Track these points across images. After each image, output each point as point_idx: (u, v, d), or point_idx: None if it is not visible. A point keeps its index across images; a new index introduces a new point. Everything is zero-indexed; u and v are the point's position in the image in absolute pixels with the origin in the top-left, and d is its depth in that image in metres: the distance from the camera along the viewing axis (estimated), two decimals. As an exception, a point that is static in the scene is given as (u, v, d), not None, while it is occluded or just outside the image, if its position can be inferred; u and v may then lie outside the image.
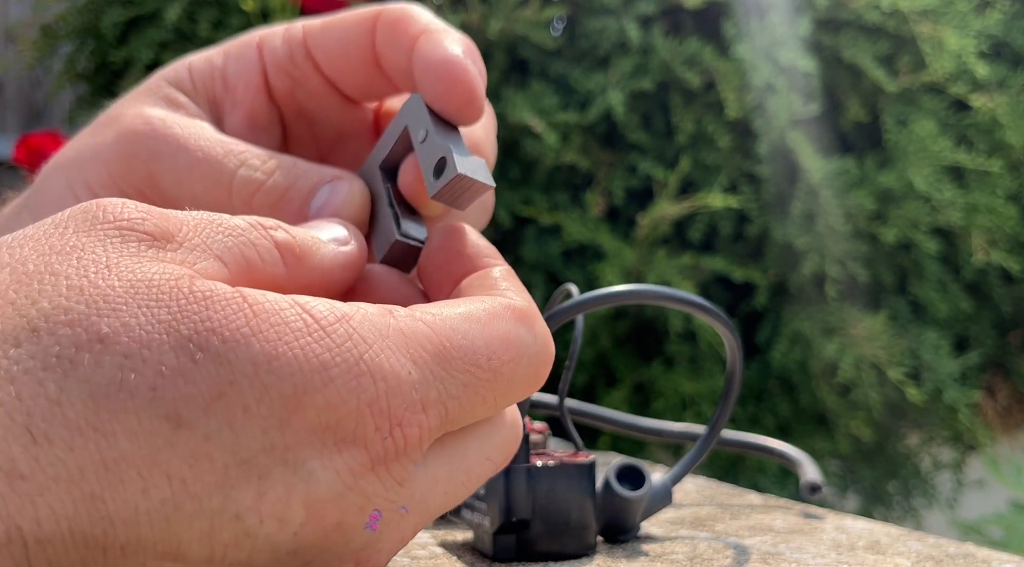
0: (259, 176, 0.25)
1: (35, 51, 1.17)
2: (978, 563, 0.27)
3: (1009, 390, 1.31)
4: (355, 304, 0.17)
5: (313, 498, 0.16)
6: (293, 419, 0.16)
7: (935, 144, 1.12)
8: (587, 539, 0.27)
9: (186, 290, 0.16)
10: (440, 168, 0.23)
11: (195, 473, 0.15)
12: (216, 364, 0.15)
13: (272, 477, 0.15)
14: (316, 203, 0.25)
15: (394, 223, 0.24)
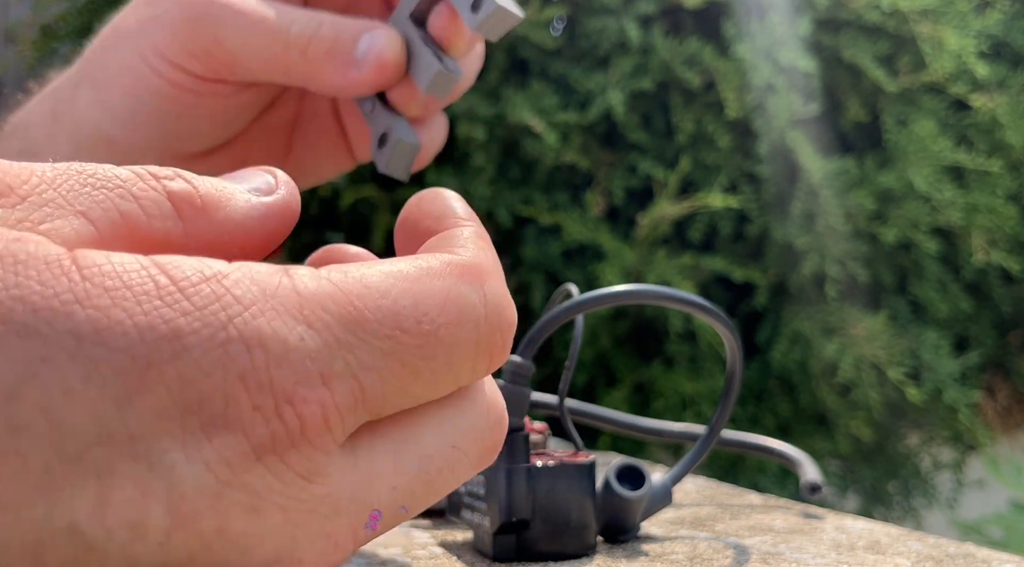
0: (308, 30, 0.28)
1: (35, 51, 1.17)
2: (978, 563, 0.27)
3: (1009, 390, 1.31)
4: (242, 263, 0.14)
5: (178, 498, 0.13)
6: (137, 400, 0.13)
7: (935, 144, 1.12)
8: (587, 539, 0.27)
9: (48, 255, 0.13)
10: (477, 4, 0.26)
11: (3, 477, 0.12)
12: (22, 338, 0.12)
13: (116, 475, 0.12)
14: (360, 48, 0.28)
15: (435, 57, 0.28)
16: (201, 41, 0.28)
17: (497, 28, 0.27)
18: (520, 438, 0.26)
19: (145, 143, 0.31)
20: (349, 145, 0.34)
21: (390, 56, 0.28)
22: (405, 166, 0.29)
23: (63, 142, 0.31)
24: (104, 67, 0.30)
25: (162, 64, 0.29)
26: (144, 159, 0.31)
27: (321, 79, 0.29)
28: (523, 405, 0.26)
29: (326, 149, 0.34)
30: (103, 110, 0.30)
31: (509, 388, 0.26)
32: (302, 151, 0.34)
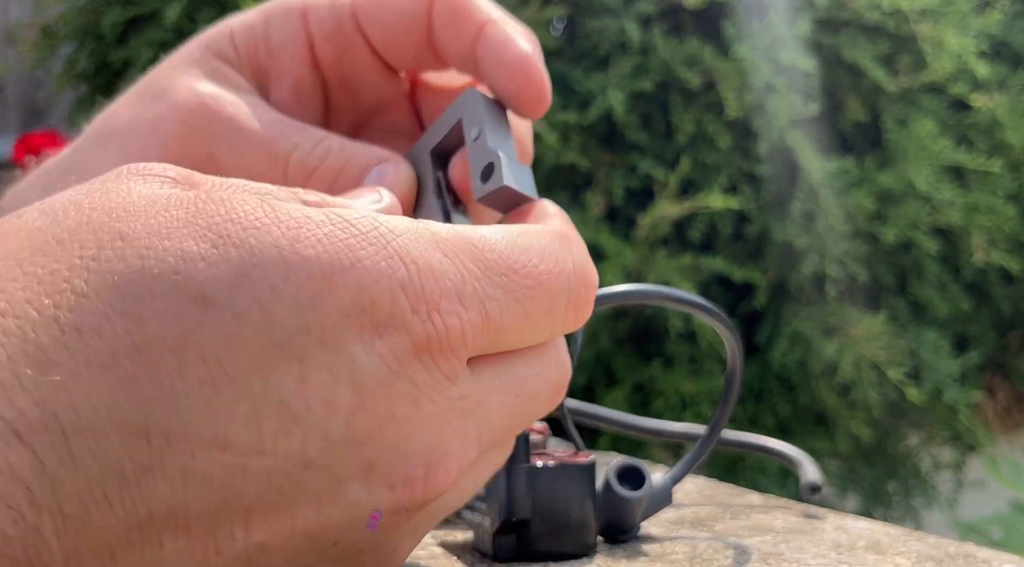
0: (313, 160, 0.26)
1: (35, 52, 1.17)
2: (978, 563, 0.27)
3: (1009, 390, 1.31)
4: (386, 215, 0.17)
5: (359, 383, 0.15)
6: (326, 299, 0.15)
7: (935, 144, 1.12)
8: (587, 539, 0.27)
9: (208, 196, 0.16)
10: (488, 173, 0.23)
11: (231, 354, 0.14)
12: (237, 248, 0.15)
13: (313, 361, 0.15)
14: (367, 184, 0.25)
15: (442, 214, 0.25)
16: (192, 157, 0.26)
17: (505, 206, 0.23)
18: (520, 438, 0.26)
19: None
20: None
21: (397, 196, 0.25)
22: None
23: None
24: (92, 161, 0.28)
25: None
26: None
27: None
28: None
29: None
30: None
31: None
32: None
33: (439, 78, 0.29)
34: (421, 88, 0.29)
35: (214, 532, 0.15)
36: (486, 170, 0.23)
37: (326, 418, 0.15)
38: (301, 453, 0.15)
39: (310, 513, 0.15)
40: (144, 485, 0.14)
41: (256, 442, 0.14)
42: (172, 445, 0.14)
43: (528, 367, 0.19)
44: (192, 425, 0.14)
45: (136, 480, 0.14)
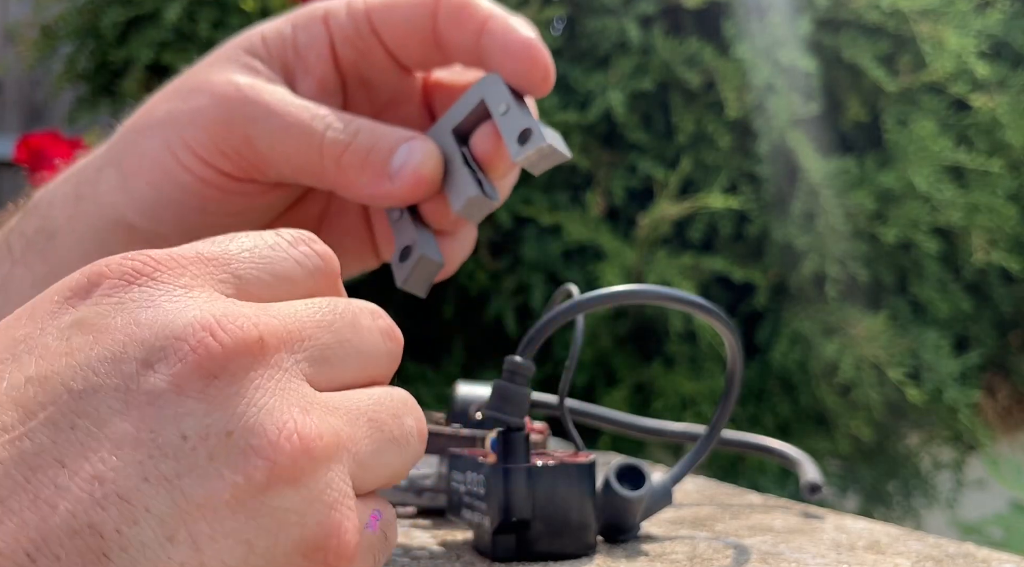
0: (345, 137, 0.27)
1: (35, 51, 1.17)
2: (978, 563, 0.27)
3: (1009, 390, 1.31)
4: None
5: None
6: None
7: (935, 144, 1.12)
8: (587, 539, 0.27)
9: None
10: (525, 137, 0.26)
11: None
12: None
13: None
14: (397, 160, 0.27)
15: (474, 180, 0.27)
16: (233, 141, 0.28)
17: (541, 164, 0.26)
18: (520, 438, 0.26)
19: (166, 232, 0.30)
20: (375, 245, 0.33)
21: (427, 172, 0.27)
22: (425, 283, 0.28)
23: (83, 224, 0.30)
24: (130, 154, 0.30)
25: (191, 159, 0.29)
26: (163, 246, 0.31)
27: (353, 188, 0.28)
28: (523, 405, 0.26)
29: (352, 248, 0.33)
30: (126, 197, 0.30)
31: (509, 387, 0.26)
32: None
33: (448, 75, 0.31)
34: (432, 85, 0.32)
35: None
36: (523, 135, 0.26)
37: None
38: None
39: None
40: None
41: None
42: None
43: None
44: None
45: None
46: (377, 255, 0.33)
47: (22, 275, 0.31)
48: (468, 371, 1.17)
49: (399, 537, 0.30)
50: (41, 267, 0.31)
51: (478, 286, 1.14)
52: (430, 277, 0.28)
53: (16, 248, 0.31)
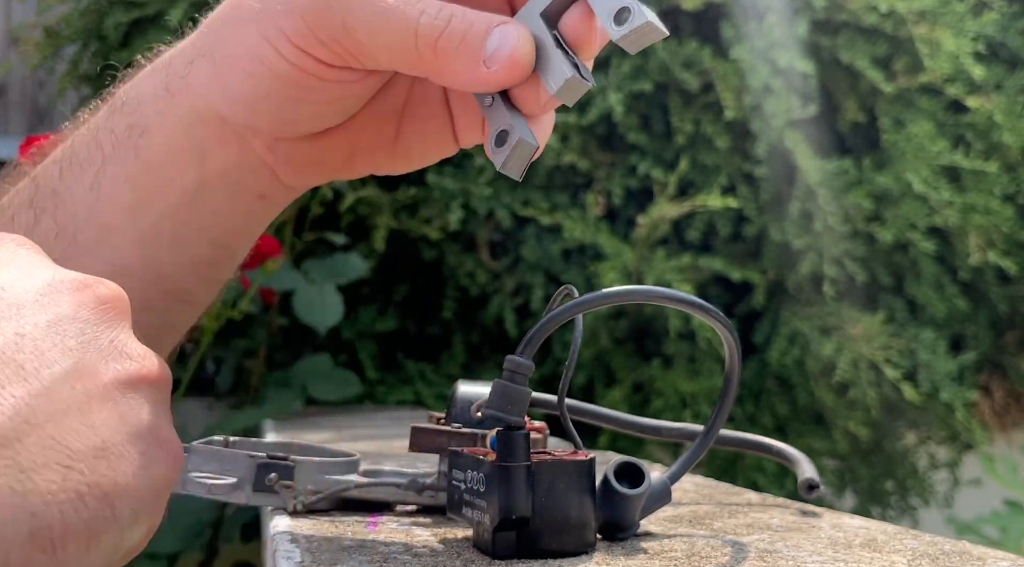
0: (439, 22, 0.28)
1: (38, 53, 1.16)
2: (973, 561, 0.27)
3: (1005, 389, 1.32)
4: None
5: None
6: None
7: (932, 145, 1.12)
8: (586, 537, 0.27)
9: None
10: (623, 16, 0.26)
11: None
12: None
13: None
14: (491, 45, 0.28)
15: (568, 61, 0.27)
16: (330, 28, 0.28)
17: (640, 42, 0.26)
18: (520, 436, 0.26)
19: (259, 124, 0.31)
20: (455, 131, 0.33)
21: (521, 55, 0.28)
22: (522, 166, 0.28)
23: (174, 118, 0.31)
24: (224, 46, 0.30)
25: (288, 48, 0.29)
26: (254, 139, 0.31)
27: (448, 74, 0.28)
28: (523, 404, 0.26)
29: (433, 134, 0.33)
30: (220, 89, 0.30)
31: (509, 387, 0.26)
32: (410, 135, 0.33)
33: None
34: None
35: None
36: (619, 14, 0.26)
37: None
38: None
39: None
40: None
41: None
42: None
43: None
44: None
45: None
46: (456, 141, 0.33)
47: (114, 173, 0.32)
48: (468, 370, 1.17)
49: (400, 536, 0.30)
50: (133, 164, 0.31)
51: (478, 286, 1.15)
52: (526, 160, 0.28)
53: (106, 146, 0.32)
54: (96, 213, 0.32)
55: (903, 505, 1.23)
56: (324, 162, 0.33)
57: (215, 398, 1.18)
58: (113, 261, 0.32)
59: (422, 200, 1.12)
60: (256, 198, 0.33)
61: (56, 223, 0.32)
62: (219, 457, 0.31)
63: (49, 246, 0.31)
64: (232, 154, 0.31)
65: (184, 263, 0.33)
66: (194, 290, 0.34)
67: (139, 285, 0.32)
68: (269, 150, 0.32)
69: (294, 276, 0.99)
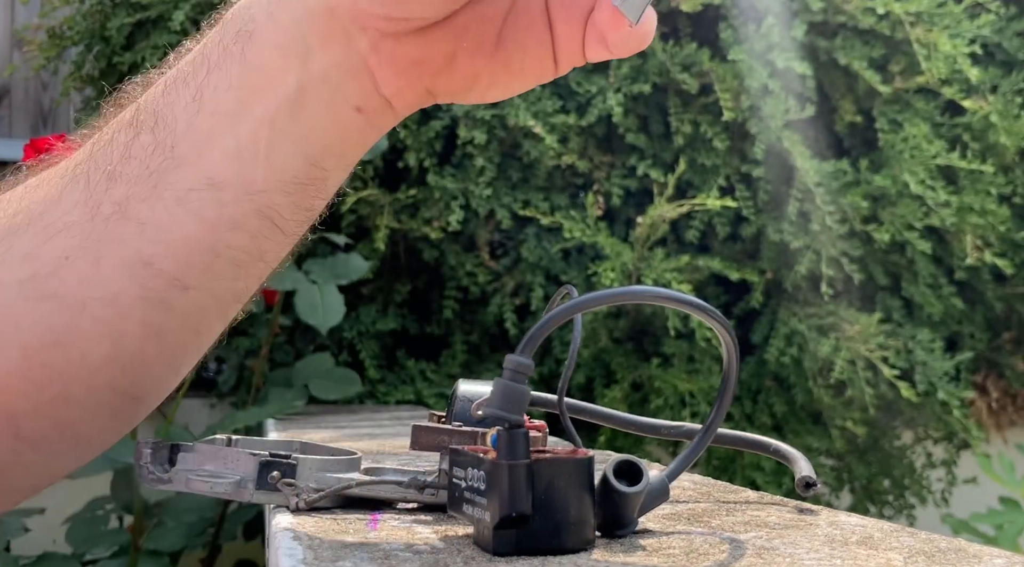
0: None
1: (42, 55, 1.17)
2: (969, 558, 0.27)
3: (1001, 388, 1.32)
4: None
5: None
6: None
7: (928, 146, 1.13)
8: (586, 534, 0.27)
9: None
10: None
11: None
12: None
13: None
14: None
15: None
16: None
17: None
18: (520, 434, 0.26)
19: (369, 7, 0.31)
20: (555, 50, 0.34)
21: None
22: (640, 9, 0.30)
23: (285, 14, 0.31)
24: None
25: None
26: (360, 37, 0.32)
27: None
28: (523, 402, 0.26)
29: (533, 50, 0.34)
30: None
31: (509, 386, 0.26)
32: (510, 47, 0.34)
33: None
34: None
35: None
36: None
37: None
38: None
39: None
40: None
41: None
42: None
43: None
44: None
45: None
46: (556, 62, 0.34)
47: (217, 81, 0.32)
48: (468, 370, 1.17)
49: (402, 533, 0.31)
50: (238, 69, 0.32)
51: (478, 286, 1.15)
52: (645, 4, 0.30)
53: (213, 56, 0.32)
54: (194, 125, 0.32)
55: (900, 503, 1.23)
56: (426, 63, 0.33)
57: (217, 397, 1.18)
58: (209, 174, 0.32)
59: (422, 200, 1.12)
60: (353, 110, 0.33)
61: (155, 137, 0.32)
62: (222, 456, 0.32)
63: (146, 160, 0.32)
64: (336, 54, 0.32)
65: (278, 179, 0.33)
66: (286, 213, 0.33)
67: (231, 199, 0.32)
68: (373, 49, 0.32)
69: (296, 276, 0.99)
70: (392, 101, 0.34)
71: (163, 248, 0.32)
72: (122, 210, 0.31)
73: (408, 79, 0.33)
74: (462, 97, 0.35)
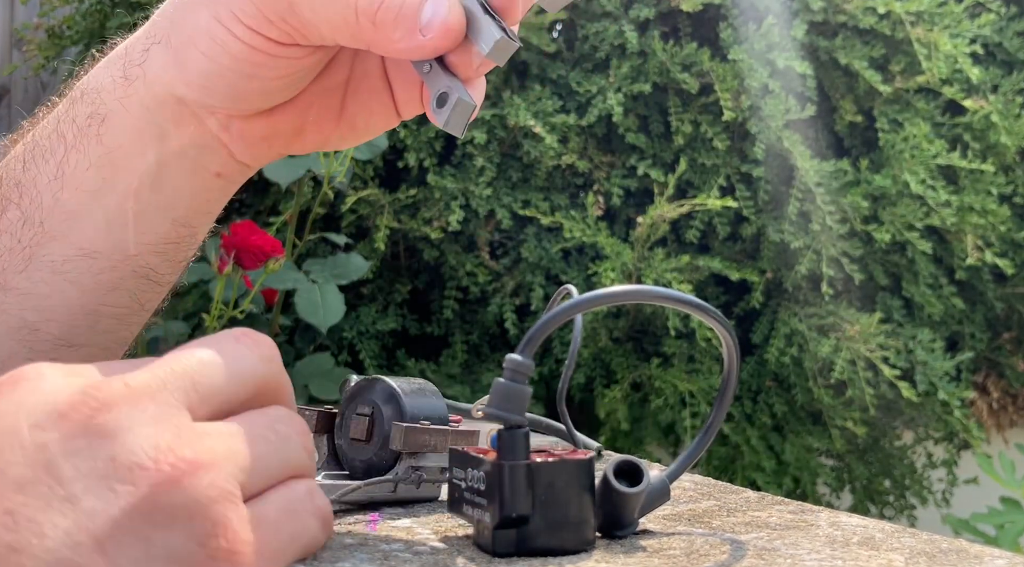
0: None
1: (42, 54, 1.17)
2: (970, 559, 0.27)
3: (1002, 388, 1.32)
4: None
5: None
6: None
7: (929, 146, 1.13)
8: (586, 534, 0.27)
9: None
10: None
11: None
12: None
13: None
14: (425, 14, 0.30)
15: (496, 25, 0.30)
16: (277, 8, 0.30)
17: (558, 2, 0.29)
18: (520, 435, 0.26)
19: (214, 103, 0.33)
20: (396, 105, 0.36)
21: (453, 22, 0.30)
22: (463, 124, 0.31)
23: (135, 103, 0.33)
24: (180, 30, 0.32)
25: (240, 28, 0.31)
26: (209, 118, 0.34)
27: (388, 44, 0.30)
28: (523, 402, 0.26)
29: (376, 108, 0.36)
30: (177, 71, 0.32)
31: (509, 386, 0.26)
32: (354, 111, 0.36)
33: None
34: None
35: None
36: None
37: None
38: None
39: None
40: None
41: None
42: None
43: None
44: None
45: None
46: (398, 113, 0.36)
47: (77, 160, 0.33)
48: (468, 369, 1.17)
49: (401, 534, 0.31)
50: (96, 150, 0.33)
51: (478, 286, 1.15)
52: (466, 118, 0.31)
53: (68, 135, 0.34)
54: (61, 200, 0.33)
55: (900, 503, 1.23)
56: (275, 137, 0.35)
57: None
58: (81, 245, 0.33)
59: (423, 200, 1.12)
60: (213, 176, 0.35)
61: (22, 212, 0.34)
62: None
63: (16, 234, 0.33)
64: (190, 134, 0.34)
65: (149, 243, 0.35)
66: (159, 269, 0.36)
67: (107, 266, 0.34)
68: (224, 128, 0.34)
69: (296, 276, 0.99)
70: (249, 164, 0.36)
71: (47, 315, 0.34)
72: (1, 282, 0.33)
73: (261, 148, 0.35)
74: (317, 150, 0.37)
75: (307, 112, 0.35)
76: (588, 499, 0.27)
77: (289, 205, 1.05)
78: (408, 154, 1.10)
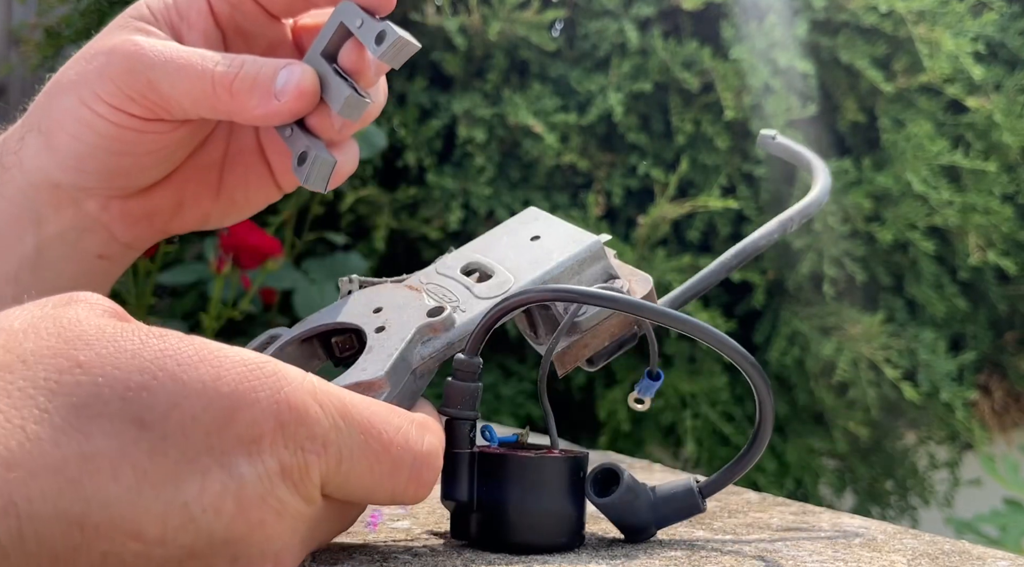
0: (232, 69, 0.32)
1: (39, 53, 1.16)
2: (973, 560, 0.27)
3: (1005, 389, 1.32)
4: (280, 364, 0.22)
5: (242, 496, 0.20)
6: (228, 429, 0.20)
7: (931, 145, 1.12)
8: (564, 531, 0.27)
9: (146, 330, 0.21)
10: (381, 38, 0.31)
11: (154, 466, 0.19)
12: (172, 381, 0.20)
13: (212, 475, 0.20)
14: (280, 81, 0.32)
15: (347, 85, 0.32)
16: (137, 85, 0.32)
17: (398, 57, 0.31)
18: (464, 426, 0.28)
19: (90, 184, 0.34)
20: (275, 178, 0.37)
21: (306, 85, 0.32)
22: (323, 179, 0.32)
23: (12, 189, 0.34)
24: (49, 116, 0.33)
25: (104, 108, 0.32)
26: (87, 201, 0.35)
27: (246, 111, 0.32)
28: (473, 398, 0.28)
29: (254, 182, 0.37)
30: (50, 155, 0.33)
31: (459, 385, 0.28)
32: (232, 186, 0.37)
33: (311, 18, 0.37)
34: (299, 30, 0.37)
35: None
36: (379, 37, 0.31)
37: (214, 520, 0.20)
38: (190, 546, 0.20)
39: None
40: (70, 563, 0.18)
41: (160, 535, 0.19)
42: (99, 534, 0.18)
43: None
44: (116, 519, 0.18)
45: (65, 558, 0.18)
46: (278, 186, 0.37)
47: None
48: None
49: (400, 535, 0.30)
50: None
51: (477, 286, 1.15)
52: (327, 174, 0.32)
53: None
54: None
55: (903, 504, 1.23)
56: (155, 215, 0.36)
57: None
58: None
59: (422, 200, 1.12)
60: (95, 258, 0.36)
61: None
62: None
63: None
64: (68, 217, 0.35)
65: None
66: None
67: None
68: (103, 209, 0.35)
69: (294, 275, 0.99)
70: (132, 245, 0.36)
71: None
72: None
73: (141, 228, 0.36)
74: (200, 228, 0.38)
75: (184, 188, 0.36)
76: (566, 497, 0.27)
77: (288, 204, 1.05)
78: (407, 153, 1.10)
